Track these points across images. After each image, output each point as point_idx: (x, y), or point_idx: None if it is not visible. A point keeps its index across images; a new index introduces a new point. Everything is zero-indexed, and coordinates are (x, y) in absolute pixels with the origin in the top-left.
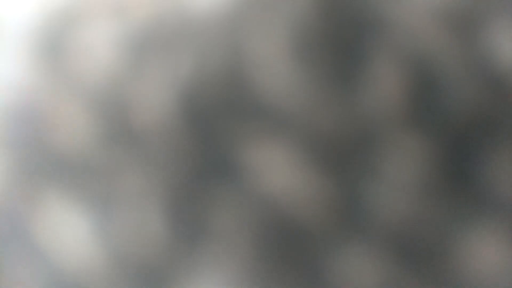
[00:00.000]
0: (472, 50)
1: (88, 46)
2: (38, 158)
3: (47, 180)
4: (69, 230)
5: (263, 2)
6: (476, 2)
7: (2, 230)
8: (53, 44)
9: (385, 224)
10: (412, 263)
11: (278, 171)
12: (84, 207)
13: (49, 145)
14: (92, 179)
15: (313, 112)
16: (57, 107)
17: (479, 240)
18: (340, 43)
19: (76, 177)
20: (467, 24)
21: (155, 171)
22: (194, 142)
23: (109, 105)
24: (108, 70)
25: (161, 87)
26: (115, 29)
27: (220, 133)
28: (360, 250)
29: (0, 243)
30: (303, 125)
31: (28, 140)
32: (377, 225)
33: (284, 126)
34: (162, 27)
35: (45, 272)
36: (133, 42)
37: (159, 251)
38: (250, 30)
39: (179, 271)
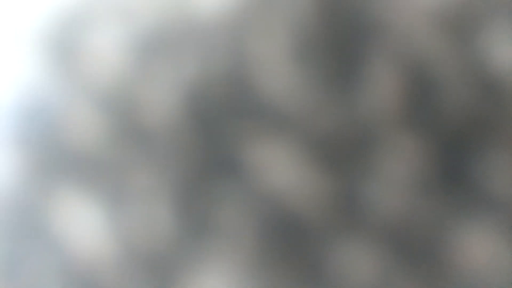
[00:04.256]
0: (468, 52)
1: (98, 49)
2: (53, 155)
3: (61, 176)
4: (82, 223)
5: (265, 6)
6: (472, 5)
7: (19, 223)
8: (65, 47)
9: (382, 219)
10: (408, 257)
11: (280, 169)
12: (97, 202)
13: (63, 142)
14: (104, 175)
15: (313, 112)
16: (70, 107)
17: (473, 236)
18: (339, 45)
19: (89, 173)
20: (463, 27)
21: (163, 167)
22: (199, 141)
23: (119, 105)
24: (117, 71)
25: (168, 88)
26: (124, 33)
27: (225, 132)
28: (358, 244)
29: (17, 235)
30: (304, 124)
31: (44, 138)
32: (375, 221)
33: (285, 126)
34: (169, 31)
35: (59, 263)
36: (141, 45)
37: (167, 243)
38: (252, 33)
39: (186, 262)
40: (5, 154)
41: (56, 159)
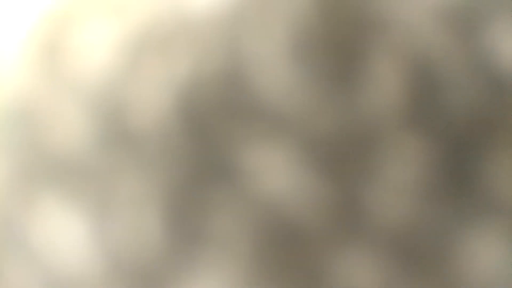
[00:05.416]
0: (473, 50)
1: (84, 47)
2: (34, 160)
3: (43, 182)
4: (66, 233)
5: (261, 2)
6: (477, 1)
7: None
8: (49, 45)
9: (385, 225)
10: (412, 264)
11: (277, 173)
12: (81, 210)
13: (46, 147)
14: (89, 182)
15: (312, 113)
16: (54, 108)
17: (479, 241)
18: (340, 43)
19: (73, 179)
20: (468, 24)
21: (152, 173)
22: (192, 144)
23: (106, 106)
24: (104, 71)
25: (158, 88)
26: (112, 30)
27: (218, 135)
28: (360, 252)
29: None
30: (302, 126)
31: (25, 142)
32: (377, 227)
33: (283, 128)
34: (159, 28)
35: (42, 275)
36: (129, 43)
37: (157, 254)
38: (248, 30)
39: (176, 274)
40: None
41: (38, 164)
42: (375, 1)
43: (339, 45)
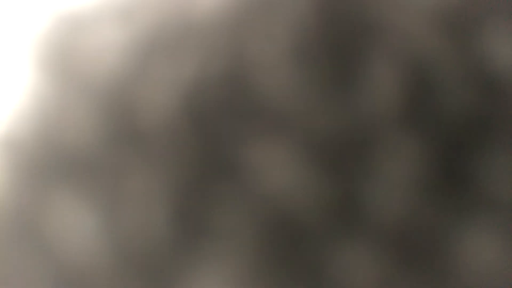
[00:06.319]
0: (468, 52)
1: (95, 49)
2: (47, 158)
3: (55, 179)
4: (76, 228)
5: (264, 6)
6: (472, 4)
7: (11, 227)
8: (61, 48)
9: (383, 222)
10: (409, 261)
11: (279, 170)
12: (91, 205)
13: (58, 145)
14: (99, 178)
15: (312, 113)
16: (65, 107)
17: (475, 238)
18: (339, 46)
19: (84, 176)
20: (464, 27)
21: (160, 169)
22: (197, 142)
23: (115, 106)
24: (114, 72)
25: (166, 89)
26: (121, 33)
27: (223, 133)
28: (358, 248)
29: (8, 240)
30: (303, 125)
31: (38, 140)
32: (375, 223)
33: (285, 127)
34: (167, 31)
35: (52, 269)
36: (138, 46)
37: (164, 248)
38: (251, 33)
39: (182, 268)
40: None
41: (50, 162)
42: (373, 6)
43: (338, 48)
